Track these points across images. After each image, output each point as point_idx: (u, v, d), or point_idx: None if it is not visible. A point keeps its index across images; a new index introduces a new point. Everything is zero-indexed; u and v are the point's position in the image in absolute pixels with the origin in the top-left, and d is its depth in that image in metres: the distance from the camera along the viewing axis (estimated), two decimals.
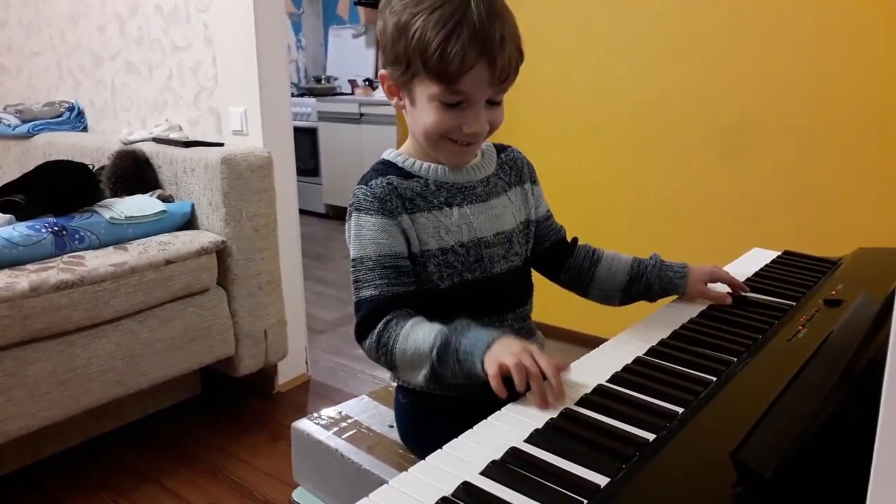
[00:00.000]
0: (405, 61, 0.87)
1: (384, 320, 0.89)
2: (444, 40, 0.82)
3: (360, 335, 0.91)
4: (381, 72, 0.94)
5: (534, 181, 1.08)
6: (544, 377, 0.77)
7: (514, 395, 0.78)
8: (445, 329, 0.84)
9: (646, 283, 1.06)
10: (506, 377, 0.77)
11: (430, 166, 0.96)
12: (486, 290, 0.97)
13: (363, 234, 0.91)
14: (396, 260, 0.91)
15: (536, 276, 1.09)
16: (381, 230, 0.91)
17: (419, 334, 0.86)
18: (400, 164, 0.96)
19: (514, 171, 1.05)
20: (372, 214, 0.91)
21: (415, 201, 0.93)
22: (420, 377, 0.87)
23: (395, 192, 0.92)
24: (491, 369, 0.78)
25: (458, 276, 0.95)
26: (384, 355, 0.88)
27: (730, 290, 1.08)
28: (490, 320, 0.97)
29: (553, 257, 1.10)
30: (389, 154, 0.99)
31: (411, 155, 0.97)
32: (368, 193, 0.92)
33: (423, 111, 0.90)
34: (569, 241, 1.13)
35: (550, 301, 1.30)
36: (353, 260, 0.92)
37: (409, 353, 0.86)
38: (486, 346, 0.81)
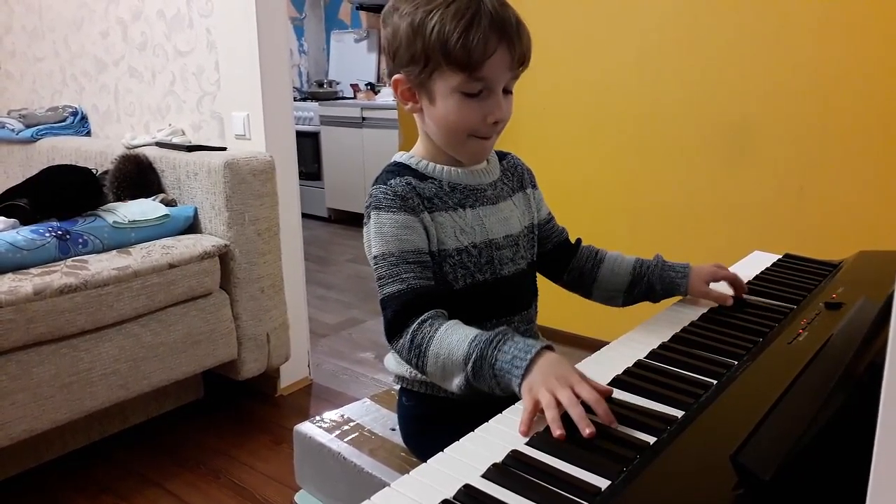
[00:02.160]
0: (423, 58, 0.88)
1: (419, 320, 0.85)
2: (466, 29, 0.84)
3: (392, 334, 0.87)
4: (395, 77, 0.93)
5: (534, 186, 1.09)
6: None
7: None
8: (481, 339, 0.80)
9: (647, 283, 1.06)
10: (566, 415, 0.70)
11: (442, 168, 0.96)
12: (495, 291, 0.97)
13: (385, 230, 0.90)
14: (420, 256, 0.90)
15: (538, 280, 1.09)
16: (403, 226, 0.90)
17: (453, 339, 0.82)
18: (413, 166, 0.97)
19: (516, 176, 1.06)
20: (394, 212, 0.90)
21: (433, 201, 0.94)
22: (454, 386, 0.82)
23: (414, 190, 0.93)
24: (527, 402, 0.73)
25: (471, 276, 0.95)
26: (416, 357, 0.84)
27: (731, 290, 1.09)
28: (497, 322, 0.98)
29: (556, 259, 1.11)
30: (401, 157, 0.99)
31: (423, 157, 0.98)
32: (389, 192, 0.91)
33: (446, 106, 0.90)
34: (572, 242, 1.13)
35: (552, 304, 1.30)
36: (376, 257, 0.90)
37: (441, 357, 0.82)
38: (524, 365, 0.76)
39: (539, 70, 0.93)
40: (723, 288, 1.08)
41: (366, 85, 5.06)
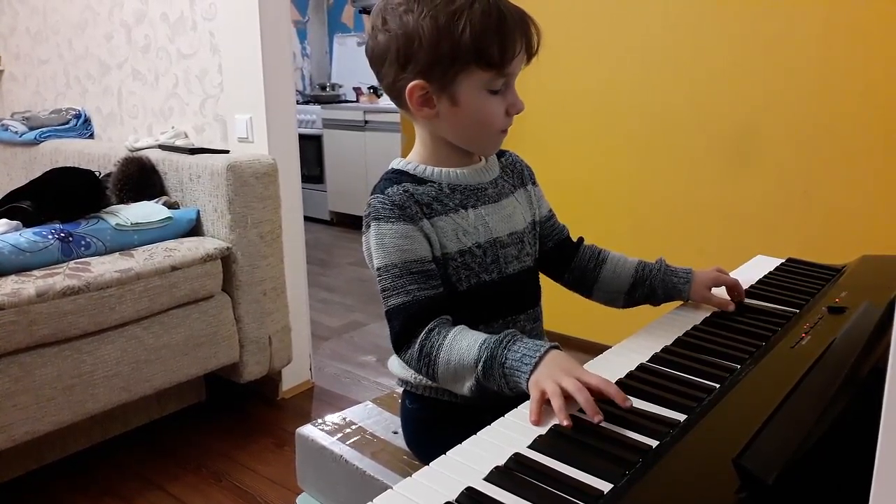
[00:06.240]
0: (449, 60, 0.86)
1: (426, 329, 0.87)
2: (497, 29, 0.86)
3: (400, 345, 0.90)
4: (413, 83, 0.88)
5: (534, 182, 1.09)
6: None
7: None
8: (491, 341, 0.83)
9: (649, 286, 1.06)
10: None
11: (440, 171, 0.96)
12: (502, 290, 0.97)
13: (386, 241, 0.90)
14: (423, 265, 0.90)
15: (541, 281, 1.09)
16: (403, 236, 0.90)
17: (463, 344, 0.84)
18: (411, 172, 0.96)
19: (516, 173, 1.06)
20: (393, 222, 0.90)
21: (432, 206, 0.93)
22: (465, 389, 0.85)
23: (412, 198, 0.92)
24: (533, 395, 0.77)
25: (476, 277, 0.95)
26: (426, 366, 0.87)
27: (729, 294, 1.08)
28: (504, 321, 0.98)
29: (558, 257, 1.11)
30: (398, 163, 0.99)
31: (420, 162, 0.97)
32: (387, 201, 0.91)
33: (475, 105, 0.90)
34: (574, 240, 1.13)
35: (553, 307, 1.29)
36: (379, 269, 0.91)
37: (452, 363, 0.84)
38: (532, 364, 0.79)
39: (543, 71, 0.94)
40: (724, 293, 1.08)
41: (368, 88, 5.07)
